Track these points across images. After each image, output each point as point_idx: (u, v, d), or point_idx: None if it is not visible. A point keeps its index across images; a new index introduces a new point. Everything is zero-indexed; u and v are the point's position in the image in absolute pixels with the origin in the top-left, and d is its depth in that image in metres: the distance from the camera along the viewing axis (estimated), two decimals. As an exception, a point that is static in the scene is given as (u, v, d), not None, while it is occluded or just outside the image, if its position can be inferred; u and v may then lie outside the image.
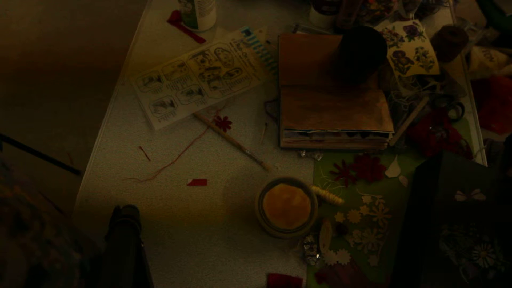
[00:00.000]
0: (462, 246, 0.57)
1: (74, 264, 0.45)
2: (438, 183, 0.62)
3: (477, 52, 1.09)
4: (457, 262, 0.57)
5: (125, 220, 0.60)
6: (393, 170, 0.74)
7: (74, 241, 0.48)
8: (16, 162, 0.46)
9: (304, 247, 0.66)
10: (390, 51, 0.81)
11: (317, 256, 0.66)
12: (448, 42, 0.82)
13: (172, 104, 0.80)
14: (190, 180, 0.73)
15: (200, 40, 0.90)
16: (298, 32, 0.90)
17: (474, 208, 0.60)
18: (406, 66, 0.80)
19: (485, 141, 1.06)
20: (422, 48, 0.82)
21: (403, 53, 0.81)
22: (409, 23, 0.86)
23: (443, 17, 0.96)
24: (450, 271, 0.56)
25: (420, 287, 0.55)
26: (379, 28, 0.86)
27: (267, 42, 0.90)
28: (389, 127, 0.71)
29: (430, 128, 0.76)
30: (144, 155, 0.76)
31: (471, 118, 0.81)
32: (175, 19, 0.93)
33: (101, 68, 1.83)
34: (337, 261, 0.66)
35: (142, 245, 0.61)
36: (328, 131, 0.71)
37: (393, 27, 0.86)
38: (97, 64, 1.86)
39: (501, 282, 0.55)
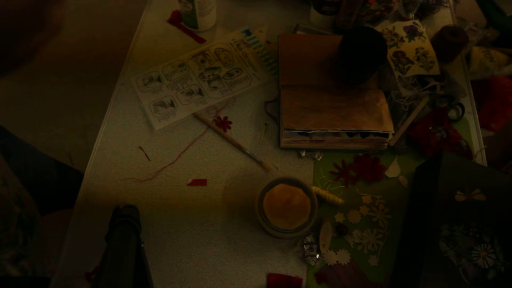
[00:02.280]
0: (462, 246, 0.57)
1: (13, 213, 0.53)
2: (438, 183, 0.62)
3: (477, 52, 1.09)
4: (457, 262, 0.57)
5: (125, 220, 0.60)
6: (393, 170, 0.74)
7: (17, 196, 0.56)
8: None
9: (304, 247, 0.66)
10: (390, 51, 0.81)
11: (317, 256, 0.66)
12: (448, 43, 0.82)
13: (172, 104, 0.80)
14: (190, 180, 0.73)
15: (200, 40, 0.90)
16: (298, 32, 0.90)
17: (474, 208, 0.60)
18: (406, 66, 0.80)
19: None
20: (422, 48, 0.82)
21: (403, 53, 0.81)
22: (409, 23, 0.86)
23: (443, 17, 0.96)
24: (450, 271, 0.56)
25: (420, 287, 0.55)
26: (379, 28, 0.86)
27: (267, 42, 0.90)
28: (389, 127, 0.71)
29: (430, 128, 0.76)
30: (144, 155, 0.76)
31: (471, 118, 0.81)
32: (175, 19, 0.93)
33: (101, 68, 1.84)
34: (337, 261, 0.66)
35: (142, 245, 0.61)
36: (328, 131, 0.71)
37: (393, 27, 0.86)
38: (97, 64, 1.86)
39: (501, 282, 0.55)
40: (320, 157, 0.75)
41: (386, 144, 0.74)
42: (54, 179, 0.88)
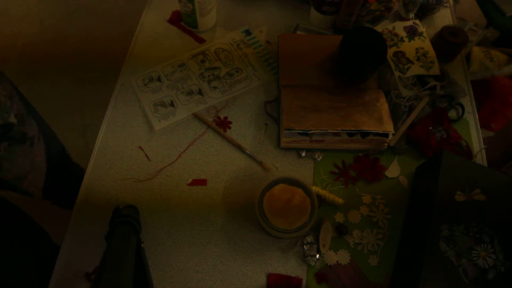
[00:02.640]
0: (462, 246, 0.57)
1: (6, 117, 0.62)
2: (438, 183, 0.62)
3: (477, 52, 1.09)
4: (457, 262, 0.57)
5: (125, 220, 0.60)
6: (393, 170, 0.74)
7: (20, 114, 0.65)
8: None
9: (304, 247, 0.66)
10: (390, 51, 0.82)
11: (317, 256, 0.66)
12: (448, 43, 0.82)
13: (172, 104, 0.80)
14: (190, 180, 0.73)
15: (200, 40, 0.90)
16: (298, 32, 0.90)
17: (474, 208, 0.60)
18: (406, 66, 0.80)
19: None
20: (422, 48, 0.82)
21: (403, 53, 0.81)
22: (409, 23, 0.86)
23: (443, 17, 0.96)
24: (450, 271, 0.56)
25: (420, 287, 0.55)
26: (379, 28, 0.86)
27: (267, 42, 0.90)
28: (389, 127, 0.71)
29: (430, 128, 0.76)
30: (144, 155, 0.76)
31: (471, 118, 0.81)
32: (175, 19, 0.93)
33: (101, 68, 1.84)
34: (337, 261, 0.66)
35: (142, 245, 0.61)
36: (328, 131, 0.71)
37: (393, 27, 0.86)
38: (97, 64, 1.86)
39: (501, 282, 0.55)
40: (320, 157, 0.75)
41: (386, 144, 0.74)
42: (60, 162, 0.91)
